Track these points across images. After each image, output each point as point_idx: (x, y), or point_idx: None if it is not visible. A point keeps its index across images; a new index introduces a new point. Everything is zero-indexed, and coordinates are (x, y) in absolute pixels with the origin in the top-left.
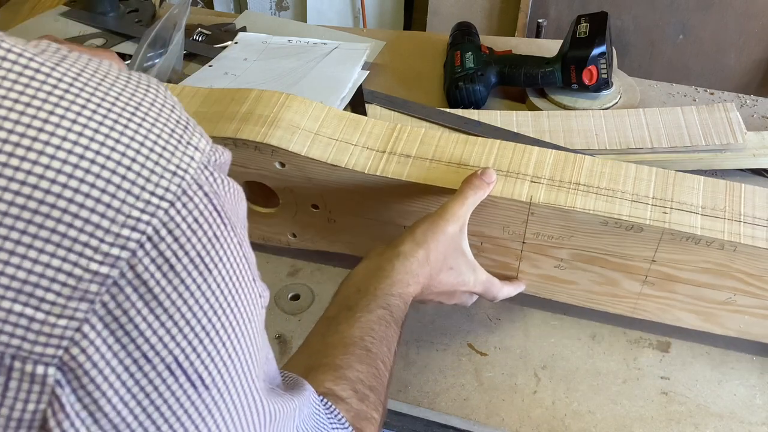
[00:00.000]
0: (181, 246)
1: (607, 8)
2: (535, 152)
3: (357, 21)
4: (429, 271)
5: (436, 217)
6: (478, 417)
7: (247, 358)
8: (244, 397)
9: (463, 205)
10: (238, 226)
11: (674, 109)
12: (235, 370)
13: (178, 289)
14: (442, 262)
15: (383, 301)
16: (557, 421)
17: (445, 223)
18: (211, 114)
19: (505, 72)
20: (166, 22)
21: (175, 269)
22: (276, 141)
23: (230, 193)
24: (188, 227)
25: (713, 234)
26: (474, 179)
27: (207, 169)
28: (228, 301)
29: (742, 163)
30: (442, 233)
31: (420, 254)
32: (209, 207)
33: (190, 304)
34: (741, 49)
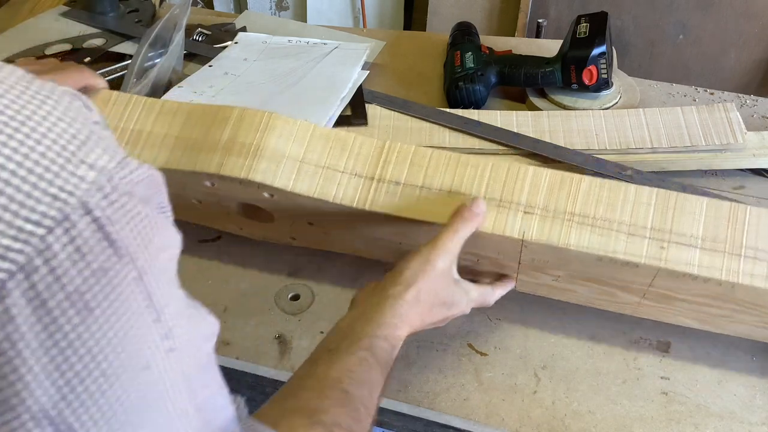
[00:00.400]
0: (56, 278)
1: (607, 8)
2: (530, 173)
3: (357, 21)
4: (419, 313)
5: (426, 254)
6: (478, 417)
7: (139, 412)
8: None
9: (454, 239)
10: (141, 259)
11: (674, 109)
12: (120, 428)
13: (49, 328)
14: (434, 298)
15: (366, 343)
16: (557, 421)
17: (435, 259)
18: (193, 141)
19: (505, 72)
20: (167, 22)
21: (47, 305)
22: (260, 176)
23: (136, 219)
24: (67, 257)
25: (710, 273)
26: (464, 211)
27: (102, 191)
28: (112, 346)
29: (742, 163)
30: (432, 270)
31: (409, 296)
32: (97, 235)
33: (62, 347)
34: (741, 49)
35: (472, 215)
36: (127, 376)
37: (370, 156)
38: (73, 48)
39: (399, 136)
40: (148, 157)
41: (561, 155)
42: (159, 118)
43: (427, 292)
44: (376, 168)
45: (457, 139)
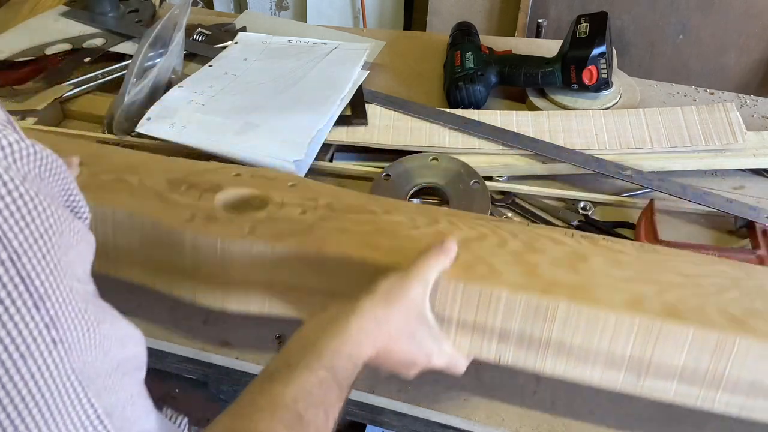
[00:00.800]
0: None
1: (607, 8)
2: (503, 297)
3: (357, 21)
4: (388, 334)
5: (402, 275)
6: (478, 417)
7: (19, 403)
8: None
9: (427, 268)
10: (26, 256)
11: (674, 109)
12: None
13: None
14: (404, 326)
15: (328, 361)
16: (557, 421)
17: (410, 282)
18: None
19: (505, 72)
20: (167, 22)
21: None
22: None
23: (23, 209)
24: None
25: (685, 400)
26: (435, 247)
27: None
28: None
29: (742, 163)
30: (406, 294)
31: (380, 313)
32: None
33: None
34: (741, 49)
35: (443, 250)
36: (3, 362)
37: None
38: (73, 48)
39: (399, 136)
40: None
41: (561, 155)
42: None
43: (398, 315)
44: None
45: (457, 139)
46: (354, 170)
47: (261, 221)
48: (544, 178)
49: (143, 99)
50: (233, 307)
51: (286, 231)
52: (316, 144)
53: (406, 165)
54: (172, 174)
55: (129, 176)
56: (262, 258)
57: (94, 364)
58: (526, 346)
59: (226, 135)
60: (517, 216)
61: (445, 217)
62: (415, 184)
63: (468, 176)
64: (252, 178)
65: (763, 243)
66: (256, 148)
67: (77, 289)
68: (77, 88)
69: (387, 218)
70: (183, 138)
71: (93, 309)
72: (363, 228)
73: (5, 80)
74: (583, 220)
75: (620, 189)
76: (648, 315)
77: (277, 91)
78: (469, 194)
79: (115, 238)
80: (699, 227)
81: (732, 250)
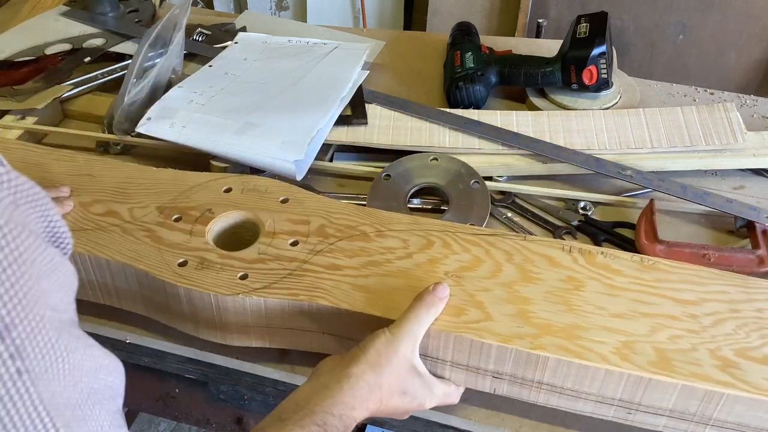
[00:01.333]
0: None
1: (607, 8)
2: (494, 346)
3: (357, 21)
4: (379, 397)
5: (390, 336)
6: (478, 417)
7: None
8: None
9: (416, 323)
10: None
11: (674, 109)
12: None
13: None
14: (395, 385)
15: (319, 418)
16: (557, 421)
17: (398, 343)
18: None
19: (505, 72)
20: (167, 22)
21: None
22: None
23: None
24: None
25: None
26: (425, 296)
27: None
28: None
29: (742, 163)
30: (395, 354)
31: (371, 378)
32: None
33: None
34: (741, 49)
35: (434, 300)
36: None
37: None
38: (73, 48)
39: (399, 136)
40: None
41: (561, 155)
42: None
43: (390, 377)
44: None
45: (457, 139)
46: (354, 170)
47: (252, 264)
48: (544, 178)
49: (143, 99)
50: (235, 343)
51: (278, 279)
52: (316, 144)
53: (406, 165)
54: (162, 197)
55: (119, 206)
56: (256, 309)
57: (63, 394)
58: (519, 385)
59: (226, 135)
60: (517, 216)
61: (439, 236)
62: (415, 184)
63: (468, 176)
64: (242, 194)
65: (763, 243)
66: (256, 148)
67: (49, 318)
68: (77, 88)
69: (379, 245)
70: (183, 138)
71: (65, 338)
72: (354, 263)
73: (5, 80)
74: (583, 220)
75: (620, 189)
76: (637, 368)
77: (277, 91)
78: (469, 194)
79: (114, 281)
80: (699, 227)
81: (732, 250)
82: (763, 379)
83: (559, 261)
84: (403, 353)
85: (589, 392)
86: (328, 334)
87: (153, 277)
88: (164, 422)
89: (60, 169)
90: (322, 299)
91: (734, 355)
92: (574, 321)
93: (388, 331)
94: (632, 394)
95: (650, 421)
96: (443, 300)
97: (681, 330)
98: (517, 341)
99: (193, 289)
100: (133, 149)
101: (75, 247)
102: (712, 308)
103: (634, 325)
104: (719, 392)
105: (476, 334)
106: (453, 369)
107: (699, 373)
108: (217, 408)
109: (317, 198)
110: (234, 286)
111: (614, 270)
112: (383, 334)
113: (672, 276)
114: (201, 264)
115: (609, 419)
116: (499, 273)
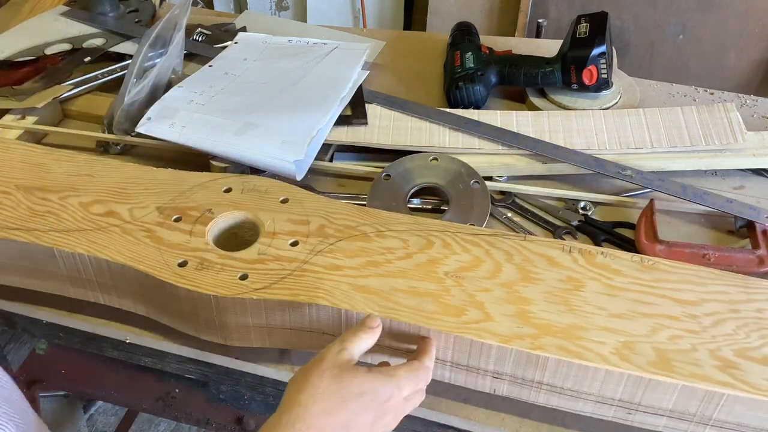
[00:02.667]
0: None
1: (607, 8)
2: (494, 347)
3: (357, 21)
4: (329, 410)
5: (309, 364)
6: (478, 417)
7: None
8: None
9: (344, 341)
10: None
11: (674, 109)
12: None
13: None
14: (343, 392)
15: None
16: (557, 421)
17: (319, 364)
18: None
19: (505, 72)
20: (167, 22)
21: None
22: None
23: None
24: None
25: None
26: (357, 329)
27: None
28: None
29: (742, 163)
30: (318, 377)
31: (315, 421)
32: None
33: None
34: (741, 49)
35: (363, 328)
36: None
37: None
38: (73, 48)
39: (399, 136)
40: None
41: (561, 155)
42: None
43: (327, 386)
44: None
45: (457, 139)
46: (354, 170)
47: (252, 264)
48: (544, 178)
49: (143, 99)
50: (236, 343)
51: (278, 279)
52: (316, 144)
53: (406, 165)
54: (162, 197)
55: (119, 206)
56: (256, 309)
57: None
58: (519, 385)
59: (226, 135)
60: (517, 216)
61: (439, 237)
62: (415, 184)
63: (468, 176)
64: (242, 194)
65: (763, 243)
66: (256, 148)
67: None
68: (77, 88)
69: (379, 245)
70: (183, 138)
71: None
72: (354, 263)
73: (5, 80)
74: (583, 220)
75: (620, 189)
76: (637, 369)
77: (277, 91)
78: (469, 194)
79: (114, 281)
80: (699, 227)
81: (732, 250)
82: (763, 380)
83: (559, 261)
84: (326, 371)
85: (589, 392)
86: (328, 334)
87: (153, 278)
88: (164, 422)
89: (60, 169)
90: (322, 299)
91: (734, 356)
92: (574, 321)
93: (312, 367)
94: (632, 395)
95: (650, 421)
96: (375, 330)
97: (681, 330)
98: (517, 341)
99: (193, 289)
100: (133, 149)
101: (75, 247)
102: (712, 308)
103: (634, 326)
104: (719, 392)
105: (476, 334)
106: (453, 369)
107: (699, 373)
108: (217, 408)
109: (317, 198)
110: (234, 287)
111: (614, 270)
112: (301, 370)
113: (672, 276)
114: (201, 264)
115: (609, 419)
116: (499, 273)
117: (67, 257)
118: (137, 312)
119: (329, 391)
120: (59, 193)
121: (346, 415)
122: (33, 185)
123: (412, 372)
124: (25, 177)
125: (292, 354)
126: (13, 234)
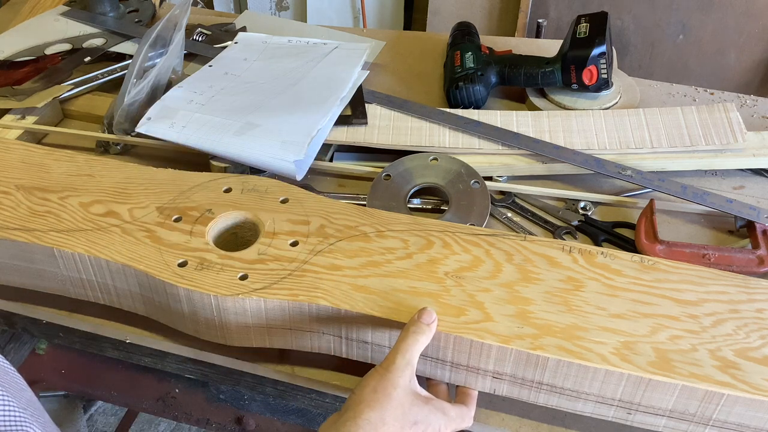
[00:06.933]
0: None
1: (607, 8)
2: (494, 347)
3: (357, 21)
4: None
5: (383, 371)
6: (478, 417)
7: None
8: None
9: (408, 353)
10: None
11: (674, 109)
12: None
13: None
14: (402, 417)
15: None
16: (557, 421)
17: (394, 375)
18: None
19: (505, 72)
20: (167, 22)
21: None
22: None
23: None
24: None
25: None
26: (412, 325)
27: None
28: None
29: (742, 163)
30: (393, 387)
31: (372, 415)
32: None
33: None
34: (741, 49)
35: (422, 327)
36: None
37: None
38: (73, 48)
39: (399, 136)
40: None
41: (561, 155)
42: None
43: (393, 411)
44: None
45: (457, 139)
46: (354, 170)
47: (252, 264)
48: (544, 178)
49: (143, 99)
50: (235, 343)
51: (278, 279)
52: (316, 144)
53: (406, 165)
54: (161, 197)
55: (119, 206)
56: (256, 309)
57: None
58: (519, 385)
59: (226, 135)
60: (517, 216)
61: (439, 237)
62: (415, 184)
63: (468, 176)
64: (242, 194)
65: (763, 243)
66: (256, 148)
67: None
68: (77, 88)
69: (379, 245)
70: (183, 138)
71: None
72: (354, 263)
73: (5, 80)
74: (583, 220)
75: (620, 189)
76: (637, 369)
77: (277, 91)
78: (469, 194)
79: (114, 281)
80: (699, 227)
81: (732, 250)
82: (763, 380)
83: (559, 261)
84: (401, 384)
85: (589, 392)
86: (328, 334)
87: (153, 278)
88: (164, 422)
89: (60, 169)
90: (322, 299)
91: (734, 356)
92: (574, 321)
93: (380, 367)
94: (632, 395)
95: (650, 421)
96: (431, 325)
97: (681, 330)
98: (517, 342)
99: (193, 289)
100: (133, 149)
101: (75, 247)
102: (712, 308)
103: (634, 326)
104: (719, 393)
105: (476, 334)
106: (453, 370)
107: (699, 373)
108: (217, 408)
109: (317, 198)
110: (234, 287)
111: (614, 270)
112: (376, 372)
113: (672, 276)
114: (201, 264)
115: (609, 419)
116: (499, 273)
117: (67, 257)
118: (137, 312)
119: (394, 416)
120: (59, 193)
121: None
122: (33, 185)
123: (459, 416)
124: (25, 177)
125: (292, 354)
126: (13, 234)
